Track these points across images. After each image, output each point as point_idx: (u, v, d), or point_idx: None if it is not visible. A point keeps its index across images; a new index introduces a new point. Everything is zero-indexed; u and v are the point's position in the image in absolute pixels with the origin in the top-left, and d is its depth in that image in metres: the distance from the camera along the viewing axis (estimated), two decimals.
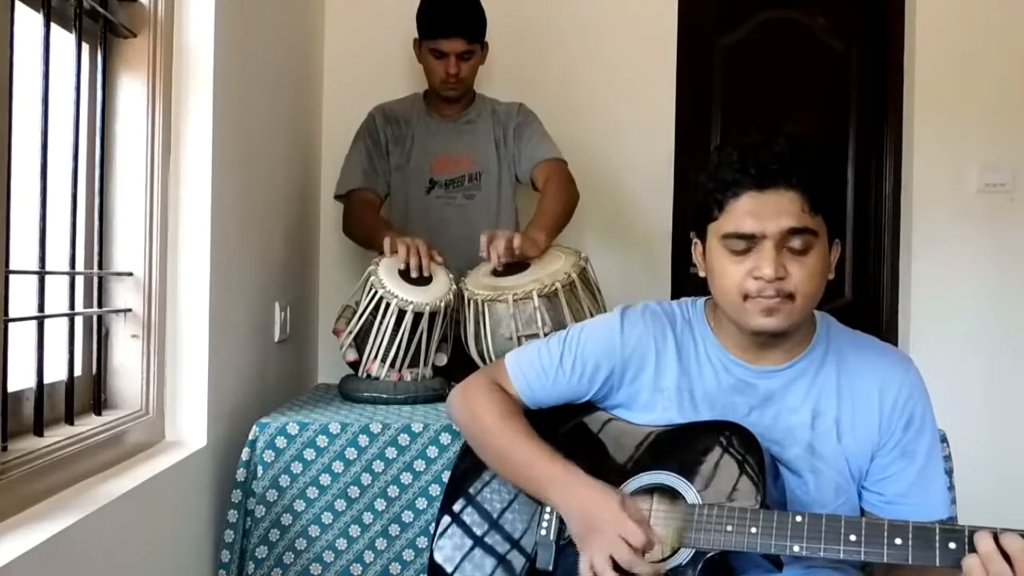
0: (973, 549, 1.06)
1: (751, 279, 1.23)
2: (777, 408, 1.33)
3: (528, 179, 2.45)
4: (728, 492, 1.23)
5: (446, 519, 1.45)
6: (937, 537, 1.09)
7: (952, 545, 1.08)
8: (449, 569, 1.42)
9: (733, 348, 1.35)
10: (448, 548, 1.43)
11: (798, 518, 1.16)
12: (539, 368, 1.43)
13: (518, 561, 1.37)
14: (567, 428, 1.43)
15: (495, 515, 1.42)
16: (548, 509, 1.35)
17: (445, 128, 2.49)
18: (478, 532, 1.42)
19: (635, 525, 1.18)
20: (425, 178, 2.47)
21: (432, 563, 1.43)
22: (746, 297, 1.25)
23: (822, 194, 1.23)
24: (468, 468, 1.48)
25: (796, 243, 1.22)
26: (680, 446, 1.30)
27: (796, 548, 1.15)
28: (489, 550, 1.41)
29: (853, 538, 1.13)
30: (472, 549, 1.42)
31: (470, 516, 1.44)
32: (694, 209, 1.32)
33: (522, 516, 1.40)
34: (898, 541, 1.11)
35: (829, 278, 1.30)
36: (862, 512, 1.33)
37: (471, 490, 1.46)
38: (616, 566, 1.17)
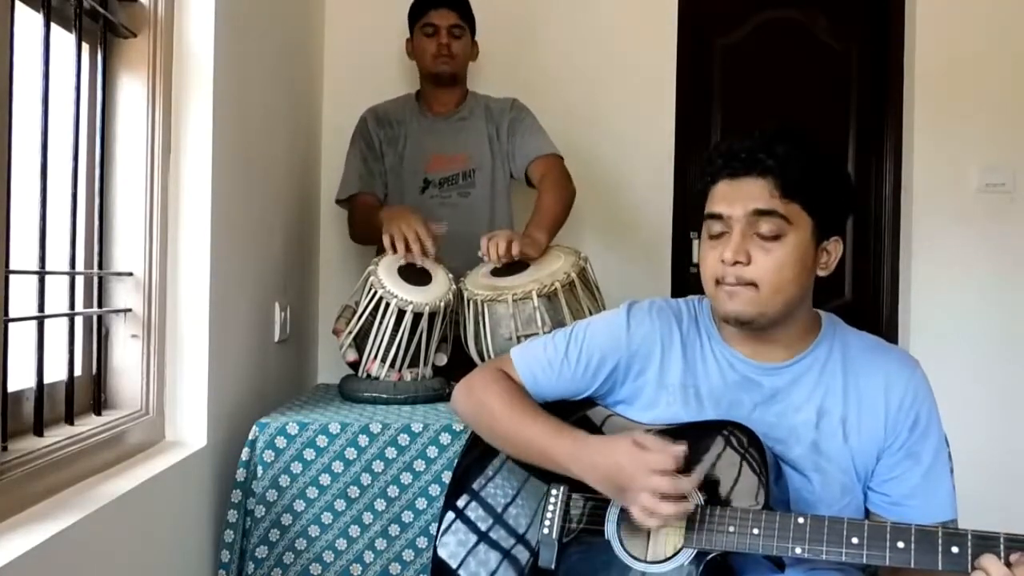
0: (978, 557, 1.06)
1: (719, 263, 1.27)
2: (782, 406, 1.33)
3: (523, 175, 2.45)
4: (730, 492, 1.23)
5: (450, 515, 1.45)
6: (940, 541, 1.09)
7: (955, 549, 1.08)
8: (454, 565, 1.41)
9: (738, 345, 1.35)
10: (452, 544, 1.43)
11: (800, 520, 1.16)
12: (544, 361, 1.44)
13: (523, 556, 1.37)
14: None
15: (499, 510, 1.42)
16: (550, 507, 1.35)
17: (438, 126, 2.49)
18: (482, 527, 1.42)
19: (655, 454, 1.18)
20: (419, 177, 2.47)
21: (437, 560, 1.43)
22: (717, 282, 1.28)
23: (796, 181, 1.24)
24: (472, 463, 1.48)
25: (764, 228, 1.25)
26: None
27: (798, 550, 1.15)
28: (494, 545, 1.40)
29: (855, 540, 1.13)
30: (476, 544, 1.41)
31: (474, 512, 1.44)
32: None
33: (527, 511, 1.40)
34: (900, 544, 1.11)
35: (821, 274, 1.30)
36: (867, 513, 1.33)
37: (475, 486, 1.46)
38: (663, 497, 1.16)
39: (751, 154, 1.26)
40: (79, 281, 1.51)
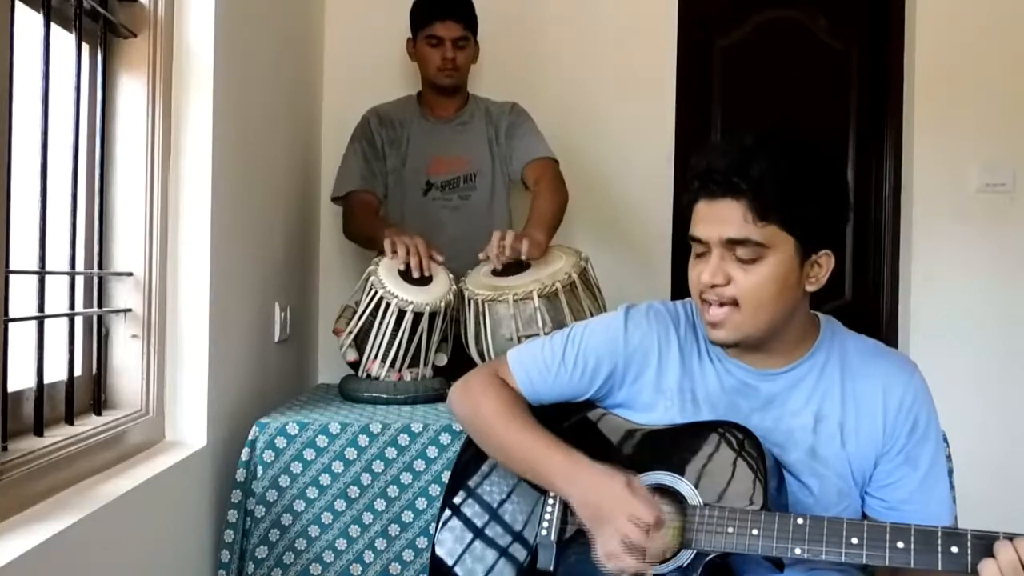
0: (984, 554, 1.06)
1: (700, 282, 1.27)
2: (779, 411, 1.32)
3: (519, 177, 2.46)
4: (730, 493, 1.22)
5: (447, 512, 1.45)
6: (939, 541, 1.09)
7: (954, 549, 1.08)
8: (450, 562, 1.41)
9: (734, 351, 1.34)
10: (449, 541, 1.43)
11: (799, 520, 1.16)
12: (541, 363, 1.43)
13: (519, 554, 1.37)
14: (566, 427, 1.42)
15: (495, 507, 1.42)
16: (548, 509, 1.35)
17: (440, 129, 2.50)
18: (478, 524, 1.42)
19: (643, 505, 1.19)
20: (422, 180, 2.47)
21: (434, 557, 1.43)
22: (701, 298, 1.29)
23: (771, 204, 1.21)
24: (468, 461, 1.48)
25: (741, 253, 1.23)
26: (681, 446, 1.30)
27: (798, 550, 1.15)
28: (489, 542, 1.40)
29: (855, 541, 1.13)
30: (472, 542, 1.41)
31: (470, 508, 1.44)
32: None
33: (522, 508, 1.40)
34: (900, 544, 1.11)
35: (810, 289, 1.28)
36: (864, 517, 1.32)
37: (471, 483, 1.46)
38: (630, 547, 1.18)
39: (725, 176, 1.22)
40: (79, 281, 1.51)
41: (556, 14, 2.91)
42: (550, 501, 1.36)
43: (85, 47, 1.51)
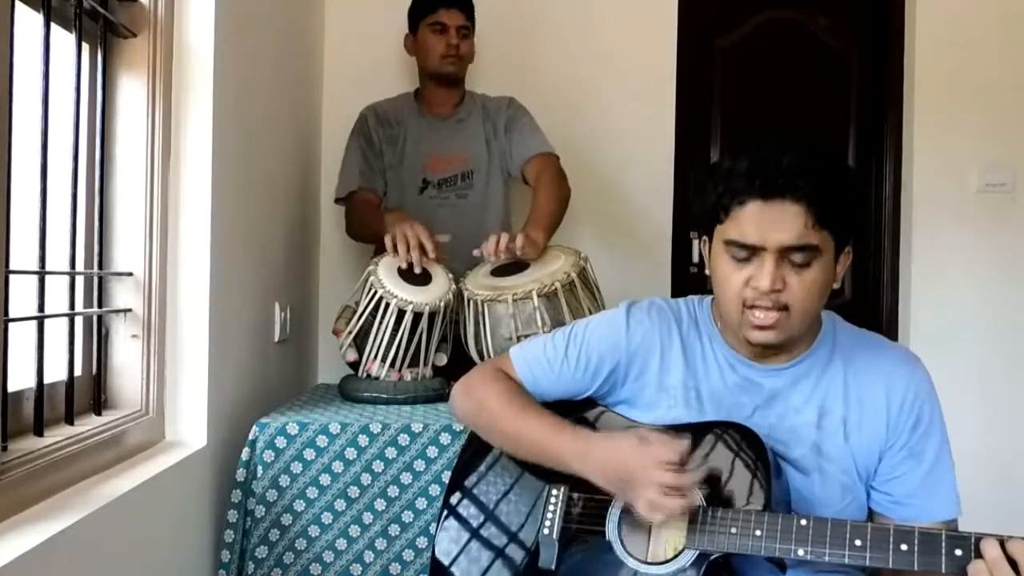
0: (979, 555, 1.06)
1: (749, 288, 1.24)
2: (782, 408, 1.32)
3: (519, 173, 2.45)
4: (732, 493, 1.22)
5: (445, 513, 1.46)
6: (943, 544, 1.09)
7: (958, 552, 1.07)
8: (447, 563, 1.42)
9: (738, 347, 1.34)
10: (446, 542, 1.43)
11: (803, 521, 1.16)
12: (544, 361, 1.44)
13: (518, 554, 1.37)
14: None
15: (492, 508, 1.42)
16: (550, 507, 1.35)
17: (437, 127, 2.50)
18: (475, 525, 1.42)
19: (660, 448, 1.18)
20: (418, 178, 2.47)
21: (433, 558, 1.43)
22: (744, 304, 1.25)
23: (830, 209, 1.21)
24: (468, 462, 1.48)
25: (797, 258, 1.22)
26: None
27: (801, 552, 1.15)
28: (487, 544, 1.40)
29: (858, 543, 1.13)
30: (469, 543, 1.41)
31: (468, 509, 1.44)
32: (704, 210, 1.32)
33: (520, 509, 1.40)
34: (903, 547, 1.10)
35: (835, 287, 1.29)
36: (870, 511, 1.33)
37: (469, 483, 1.46)
38: (669, 491, 1.16)
39: (789, 178, 1.19)
40: (79, 281, 1.51)
41: (556, 14, 2.91)
42: (552, 499, 1.36)
43: (85, 47, 1.51)
